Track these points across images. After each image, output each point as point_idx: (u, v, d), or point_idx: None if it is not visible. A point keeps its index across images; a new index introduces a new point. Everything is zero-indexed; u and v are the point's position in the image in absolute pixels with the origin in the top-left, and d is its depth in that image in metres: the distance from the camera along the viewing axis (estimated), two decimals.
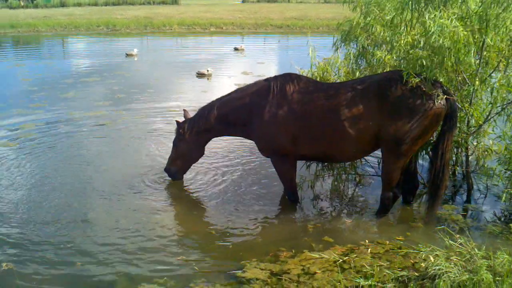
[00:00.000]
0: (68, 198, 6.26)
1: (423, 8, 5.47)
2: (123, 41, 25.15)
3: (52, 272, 4.63)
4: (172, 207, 6.21)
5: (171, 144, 6.63)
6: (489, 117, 5.75)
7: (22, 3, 40.60)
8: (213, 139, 6.61)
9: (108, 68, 16.38)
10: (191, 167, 6.76)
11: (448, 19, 4.90)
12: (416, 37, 5.38)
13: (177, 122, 6.49)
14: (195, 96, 11.91)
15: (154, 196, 6.37)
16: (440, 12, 5.06)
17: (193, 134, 6.32)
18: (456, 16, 5.08)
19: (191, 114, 6.51)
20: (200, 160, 6.76)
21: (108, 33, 28.01)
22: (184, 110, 6.60)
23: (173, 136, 6.64)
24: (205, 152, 6.64)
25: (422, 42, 5.13)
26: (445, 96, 4.98)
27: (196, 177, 6.98)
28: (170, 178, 6.74)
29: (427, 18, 5.00)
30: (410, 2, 5.44)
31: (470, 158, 6.20)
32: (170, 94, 12.57)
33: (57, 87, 13.29)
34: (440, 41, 4.84)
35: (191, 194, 6.54)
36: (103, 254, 4.95)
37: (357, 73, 6.47)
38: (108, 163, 7.55)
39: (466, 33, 4.87)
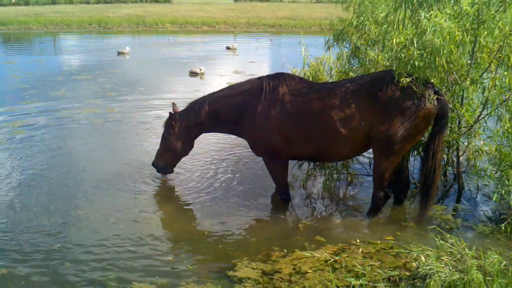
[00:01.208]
0: (58, 198, 6.21)
1: (417, 7, 5.46)
2: (115, 39, 24.99)
3: (41, 274, 4.57)
4: (162, 206, 6.16)
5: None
6: (480, 118, 5.78)
7: (13, 0, 40.20)
8: (204, 135, 6.55)
9: (99, 66, 16.28)
10: (183, 166, 6.70)
11: (442, 19, 4.91)
12: (408, 36, 5.39)
13: (170, 113, 6.32)
14: (188, 95, 11.78)
15: (145, 195, 6.33)
16: (435, 11, 5.06)
17: (183, 128, 6.21)
18: (448, 16, 5.09)
19: (180, 109, 6.42)
20: (191, 158, 6.71)
21: (100, 31, 27.83)
22: (173, 104, 6.46)
23: None
24: (197, 150, 6.58)
25: (415, 42, 5.12)
26: (436, 96, 5.00)
27: (187, 175, 6.94)
28: (160, 176, 6.70)
29: (422, 16, 4.99)
30: (404, 1, 5.43)
31: (461, 158, 6.22)
32: (162, 93, 12.48)
33: (48, 84, 13.20)
34: (436, 41, 4.83)
35: (182, 193, 6.50)
36: (93, 254, 4.90)
37: (350, 73, 6.47)
38: (99, 162, 7.49)
39: (459, 33, 4.89)
